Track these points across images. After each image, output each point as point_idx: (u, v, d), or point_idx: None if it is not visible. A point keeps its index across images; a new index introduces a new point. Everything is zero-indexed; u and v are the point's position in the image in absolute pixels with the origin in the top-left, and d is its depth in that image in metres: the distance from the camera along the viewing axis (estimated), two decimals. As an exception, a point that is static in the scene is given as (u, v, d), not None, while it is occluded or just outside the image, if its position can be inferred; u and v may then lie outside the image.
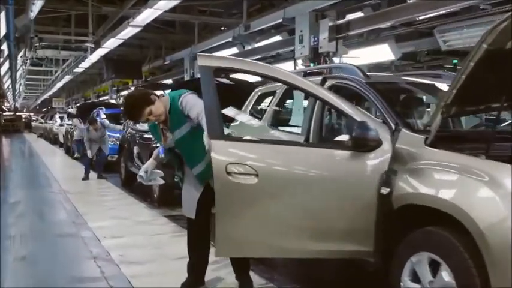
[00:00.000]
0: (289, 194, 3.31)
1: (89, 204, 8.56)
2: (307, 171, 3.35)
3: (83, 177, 11.50)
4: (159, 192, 8.04)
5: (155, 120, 3.77)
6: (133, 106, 3.71)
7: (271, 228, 3.32)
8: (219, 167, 3.23)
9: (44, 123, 30.59)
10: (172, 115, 3.73)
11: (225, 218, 3.30)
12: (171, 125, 3.77)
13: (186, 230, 6.37)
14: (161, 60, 17.98)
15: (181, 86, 7.32)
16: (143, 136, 9.14)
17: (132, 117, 3.90)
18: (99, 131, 11.39)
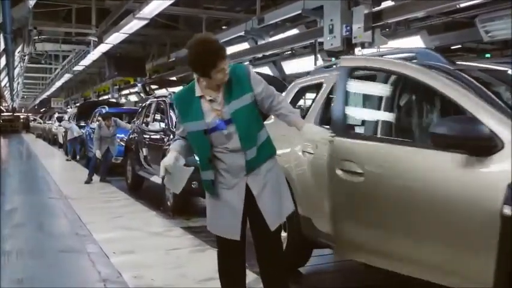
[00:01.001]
0: (391, 201, 3.06)
1: (93, 211, 7.75)
2: (414, 178, 2.91)
3: (86, 180, 10.68)
4: (174, 199, 7.18)
5: (221, 81, 2.96)
6: (211, 52, 2.89)
7: (375, 234, 3.20)
8: (331, 163, 3.39)
9: (43, 123, 29.73)
10: (234, 82, 3.02)
11: (341, 217, 3.41)
12: (230, 93, 3.01)
13: (206, 243, 5.76)
14: (165, 57, 17.19)
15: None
16: (153, 137, 8.31)
17: (205, 65, 2.89)
18: (112, 128, 10.53)
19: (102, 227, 6.64)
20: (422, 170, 2.82)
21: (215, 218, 3.20)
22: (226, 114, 3.01)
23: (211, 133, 3.01)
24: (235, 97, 3.01)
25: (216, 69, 2.89)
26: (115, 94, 23.61)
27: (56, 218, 7.55)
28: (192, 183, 6.52)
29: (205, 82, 3.00)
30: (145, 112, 9.46)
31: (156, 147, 8.12)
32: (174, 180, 3.14)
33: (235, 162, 3.04)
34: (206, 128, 3.00)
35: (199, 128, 3.02)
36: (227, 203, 3.11)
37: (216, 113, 3.01)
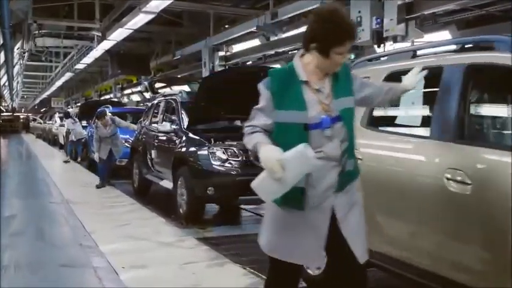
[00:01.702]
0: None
1: (97, 218, 7.19)
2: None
3: (98, 184, 9.99)
4: (187, 206, 6.58)
5: (335, 66, 2.42)
6: (345, 26, 2.39)
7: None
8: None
9: (43, 123, 29.15)
10: (341, 77, 2.50)
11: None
12: (337, 87, 2.49)
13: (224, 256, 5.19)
14: (170, 55, 16.61)
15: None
16: (163, 138, 7.72)
17: (331, 39, 2.34)
18: (110, 127, 9.82)
19: (108, 236, 6.08)
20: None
21: (287, 241, 2.51)
22: (335, 110, 2.43)
23: (311, 130, 2.39)
24: (343, 94, 2.47)
25: (339, 49, 2.34)
26: (117, 93, 23.02)
27: (57, 226, 6.96)
28: (207, 188, 5.96)
29: (314, 64, 2.43)
30: (153, 112, 8.87)
31: (166, 149, 7.53)
32: (288, 178, 2.26)
33: (327, 174, 2.43)
34: (307, 123, 2.39)
35: (298, 121, 2.39)
36: (308, 223, 2.46)
37: (322, 107, 2.42)
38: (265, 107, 2.47)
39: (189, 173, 6.40)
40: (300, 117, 2.38)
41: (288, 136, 2.39)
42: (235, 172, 6.12)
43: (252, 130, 2.48)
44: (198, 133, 6.86)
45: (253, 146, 2.40)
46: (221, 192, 6.13)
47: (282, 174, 2.22)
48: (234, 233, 6.46)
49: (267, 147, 2.32)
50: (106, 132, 9.81)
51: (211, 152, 6.22)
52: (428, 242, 3.00)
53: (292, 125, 2.39)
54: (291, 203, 2.44)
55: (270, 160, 2.23)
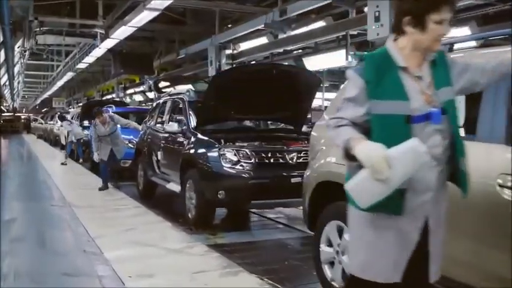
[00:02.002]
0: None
1: (101, 222, 6.87)
2: None
3: (100, 187, 9.63)
4: (197, 210, 6.25)
5: (436, 39, 2.10)
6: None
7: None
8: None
9: (44, 123, 28.84)
10: (438, 64, 2.19)
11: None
12: (437, 76, 2.18)
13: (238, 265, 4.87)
14: (174, 54, 16.29)
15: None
16: (170, 139, 7.40)
17: (424, 5, 2.05)
18: (108, 125, 9.39)
19: (113, 241, 5.77)
20: None
21: (379, 257, 2.16)
22: (438, 102, 2.12)
23: (414, 123, 2.08)
24: (444, 83, 2.16)
25: (436, 16, 2.03)
26: (120, 93, 22.70)
27: (60, 231, 6.65)
28: (218, 192, 5.65)
29: (410, 46, 2.12)
30: (158, 112, 8.54)
31: (173, 151, 7.21)
32: (394, 178, 1.94)
33: (427, 175, 2.11)
34: (409, 115, 2.07)
35: (398, 112, 2.07)
36: (396, 232, 2.13)
37: (425, 98, 2.11)
38: (357, 96, 2.15)
39: (199, 175, 6.07)
40: (401, 108, 2.07)
41: (387, 129, 2.07)
42: (247, 175, 5.80)
43: (338, 123, 2.16)
44: (207, 134, 6.54)
45: (344, 141, 2.07)
46: (233, 196, 5.81)
47: (388, 174, 1.91)
48: (247, 239, 6.12)
49: (366, 143, 2.01)
50: (104, 130, 9.38)
51: (221, 154, 5.90)
52: (478, 258, 2.67)
53: (391, 117, 2.07)
54: (388, 208, 2.08)
55: (375, 157, 1.93)
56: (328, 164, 3.83)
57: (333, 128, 2.17)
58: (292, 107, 6.81)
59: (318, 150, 4.01)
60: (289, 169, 5.98)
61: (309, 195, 3.97)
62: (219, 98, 6.33)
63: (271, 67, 6.44)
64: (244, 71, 6.44)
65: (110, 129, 9.37)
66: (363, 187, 1.99)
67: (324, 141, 4.02)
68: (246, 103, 6.47)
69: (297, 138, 6.73)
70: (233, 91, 6.27)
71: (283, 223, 7.03)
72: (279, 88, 6.43)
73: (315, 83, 6.72)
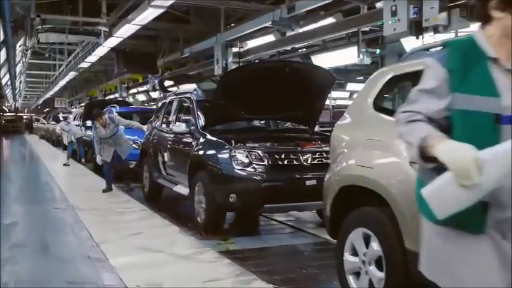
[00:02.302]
0: None
1: (106, 226, 6.60)
2: None
3: (104, 188, 9.38)
4: (207, 214, 5.97)
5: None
6: None
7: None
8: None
9: (46, 124, 28.57)
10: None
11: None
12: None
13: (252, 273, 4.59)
14: (178, 53, 16.03)
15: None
16: (178, 140, 7.13)
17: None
18: (109, 127, 9.10)
19: (119, 247, 5.52)
20: None
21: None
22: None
23: (504, 124, 1.77)
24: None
25: None
26: (123, 93, 22.42)
27: (63, 235, 6.38)
28: (229, 195, 5.38)
29: (499, 32, 1.83)
30: (164, 111, 8.26)
31: (181, 152, 6.94)
32: (484, 185, 1.65)
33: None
34: (499, 114, 1.77)
35: (487, 109, 1.77)
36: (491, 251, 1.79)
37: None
38: (437, 88, 1.85)
39: (208, 178, 5.79)
40: (490, 105, 1.75)
41: (468, 129, 1.77)
42: (260, 177, 5.52)
43: (411, 117, 1.87)
44: (217, 134, 6.27)
45: (420, 139, 1.77)
46: (245, 200, 5.53)
47: (478, 179, 1.62)
48: (260, 245, 5.81)
49: (450, 142, 1.72)
50: (105, 133, 9.12)
51: (232, 155, 5.61)
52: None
53: (477, 114, 1.76)
54: (466, 223, 1.78)
55: (462, 160, 1.63)
56: (352, 167, 3.56)
57: (404, 123, 1.87)
58: (305, 106, 6.53)
59: (340, 152, 3.74)
60: (304, 171, 5.70)
61: (331, 200, 3.70)
62: (228, 97, 6.05)
63: (284, 64, 6.16)
64: (255, 68, 6.16)
65: (111, 131, 9.11)
66: (443, 193, 1.69)
67: (347, 142, 3.75)
68: (256, 102, 6.20)
69: (309, 139, 6.46)
70: (243, 90, 5.99)
71: (296, 227, 6.74)
72: (291, 86, 6.16)
73: (329, 80, 6.44)
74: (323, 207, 3.92)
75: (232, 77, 6.02)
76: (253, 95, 6.08)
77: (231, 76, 6.04)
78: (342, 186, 3.59)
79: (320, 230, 6.36)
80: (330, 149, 3.98)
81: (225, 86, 6.01)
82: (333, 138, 3.91)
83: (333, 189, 3.70)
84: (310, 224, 6.87)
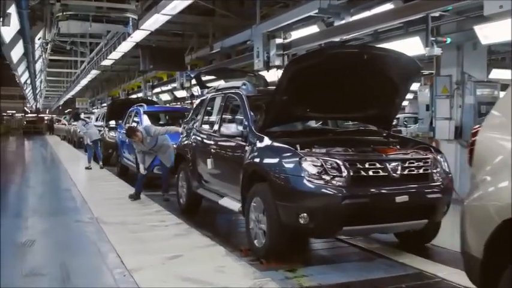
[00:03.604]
0: None
1: (138, 246, 5.51)
2: None
3: (131, 194, 8.45)
4: (270, 238, 4.74)
5: None
6: None
7: None
8: None
9: (68, 125, 27.73)
10: None
11: None
12: None
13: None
14: (207, 48, 14.90)
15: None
16: (225, 144, 5.93)
17: None
18: (147, 140, 8.23)
19: (156, 277, 4.45)
20: None
21: None
22: None
23: None
24: None
25: None
26: (148, 92, 21.36)
27: (87, 259, 5.31)
28: (299, 215, 4.21)
29: None
30: (204, 110, 7.09)
31: (230, 158, 5.75)
32: None
33: None
34: None
35: None
36: None
37: None
38: None
39: (271, 192, 4.59)
40: None
41: None
42: (339, 193, 4.31)
43: None
44: (277, 138, 5.06)
45: None
46: (319, 221, 4.32)
47: None
48: (342, 278, 4.48)
49: None
50: (145, 146, 8.31)
51: (304, 164, 4.41)
52: None
53: None
54: None
55: None
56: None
57: None
58: (382, 103, 5.31)
59: (498, 166, 2.53)
60: (392, 184, 4.47)
61: (484, 236, 2.49)
62: (293, 91, 4.85)
63: (362, 51, 4.92)
64: (327, 55, 4.88)
65: (150, 143, 8.29)
66: None
67: (507, 152, 2.54)
68: (325, 98, 4.99)
69: (386, 142, 5.22)
70: (311, 82, 4.79)
71: (371, 250, 5.46)
72: (368, 78, 4.95)
73: (414, 71, 5.21)
74: (461, 242, 2.73)
75: (299, 66, 4.76)
76: (322, 89, 4.88)
77: (298, 65, 4.77)
78: (507, 218, 2.38)
79: (402, 255, 5.15)
80: (474, 160, 2.77)
81: (291, 78, 4.78)
82: (481, 145, 2.71)
83: (487, 221, 2.49)
84: (383, 246, 5.61)
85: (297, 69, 4.76)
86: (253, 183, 4.99)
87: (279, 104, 5.00)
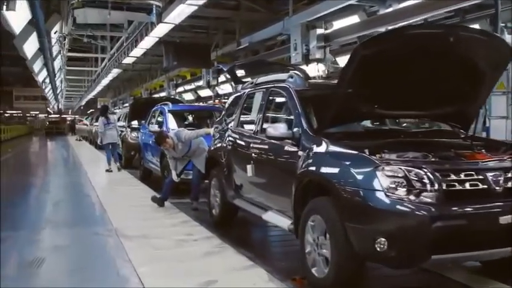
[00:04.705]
0: None
1: (164, 267, 4.65)
2: None
3: (154, 197, 7.69)
4: (336, 266, 3.70)
5: None
6: None
7: None
8: None
9: (89, 125, 27.18)
10: None
11: None
12: None
13: None
14: (234, 43, 14.07)
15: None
16: (271, 147, 4.93)
17: None
18: (178, 147, 7.43)
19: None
20: None
21: None
22: None
23: None
24: None
25: None
26: (172, 91, 20.58)
27: (104, 283, 4.41)
28: (376, 240, 3.25)
29: None
30: (241, 108, 6.12)
31: (277, 165, 4.75)
32: None
33: None
34: None
35: None
36: None
37: None
38: None
39: (337, 210, 3.61)
40: None
41: None
42: (428, 212, 3.32)
43: None
44: (337, 140, 4.08)
45: None
46: (402, 248, 3.32)
47: None
48: None
49: None
50: (178, 153, 7.51)
51: (382, 174, 3.42)
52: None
53: None
54: None
55: None
56: None
57: None
58: (466, 97, 4.29)
59: None
60: (494, 200, 3.46)
61: None
62: (360, 83, 3.86)
63: (447, 31, 3.89)
64: (404, 37, 3.84)
65: (182, 149, 7.47)
66: None
67: None
68: (397, 91, 4.01)
69: (470, 146, 4.20)
70: (382, 71, 3.81)
71: (463, 283, 4.40)
72: (451, 65, 3.96)
73: (505, 57, 4.17)
74: None
75: (371, 50, 3.74)
76: (394, 80, 3.90)
77: (369, 49, 3.75)
78: None
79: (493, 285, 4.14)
80: None
81: (358, 65, 3.77)
82: None
83: None
84: (467, 272, 4.57)
85: (367, 54, 3.76)
86: (309, 197, 4.01)
87: (342, 99, 4.00)
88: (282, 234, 5.92)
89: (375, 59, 3.78)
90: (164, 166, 8.79)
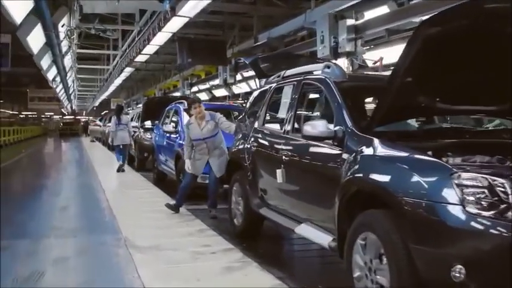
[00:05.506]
0: None
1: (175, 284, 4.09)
2: None
3: (173, 206, 7.00)
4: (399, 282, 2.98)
5: None
6: None
7: None
8: None
9: (102, 126, 26.82)
10: None
11: None
12: None
13: None
14: (251, 40, 13.46)
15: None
16: (307, 149, 4.22)
17: None
18: (207, 126, 6.72)
19: None
20: None
21: None
22: None
23: None
24: None
25: None
26: (186, 90, 19.98)
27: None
28: (452, 266, 2.54)
29: None
30: (268, 104, 5.43)
31: (314, 170, 4.05)
32: None
33: None
34: None
35: None
36: None
37: None
38: None
39: (398, 228, 2.89)
40: None
41: None
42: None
43: None
44: (390, 141, 3.37)
45: None
46: (485, 278, 2.63)
47: None
48: None
49: None
50: (200, 132, 6.69)
51: (459, 184, 2.72)
52: None
53: None
54: None
55: None
56: None
57: None
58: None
59: None
60: None
61: None
62: (421, 71, 3.15)
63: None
64: (480, 13, 3.10)
65: (209, 130, 6.71)
66: None
67: None
68: (465, 81, 3.29)
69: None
70: (448, 56, 3.11)
71: None
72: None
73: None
74: None
75: (437, 29, 3.00)
76: (461, 68, 3.20)
77: (435, 28, 3.01)
78: None
79: None
80: None
81: (421, 49, 3.02)
82: None
83: None
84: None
85: (432, 34, 3.04)
86: (357, 209, 3.31)
87: (399, 90, 3.29)
88: (316, 249, 5.18)
89: (440, 40, 3.07)
90: (179, 169, 8.17)
